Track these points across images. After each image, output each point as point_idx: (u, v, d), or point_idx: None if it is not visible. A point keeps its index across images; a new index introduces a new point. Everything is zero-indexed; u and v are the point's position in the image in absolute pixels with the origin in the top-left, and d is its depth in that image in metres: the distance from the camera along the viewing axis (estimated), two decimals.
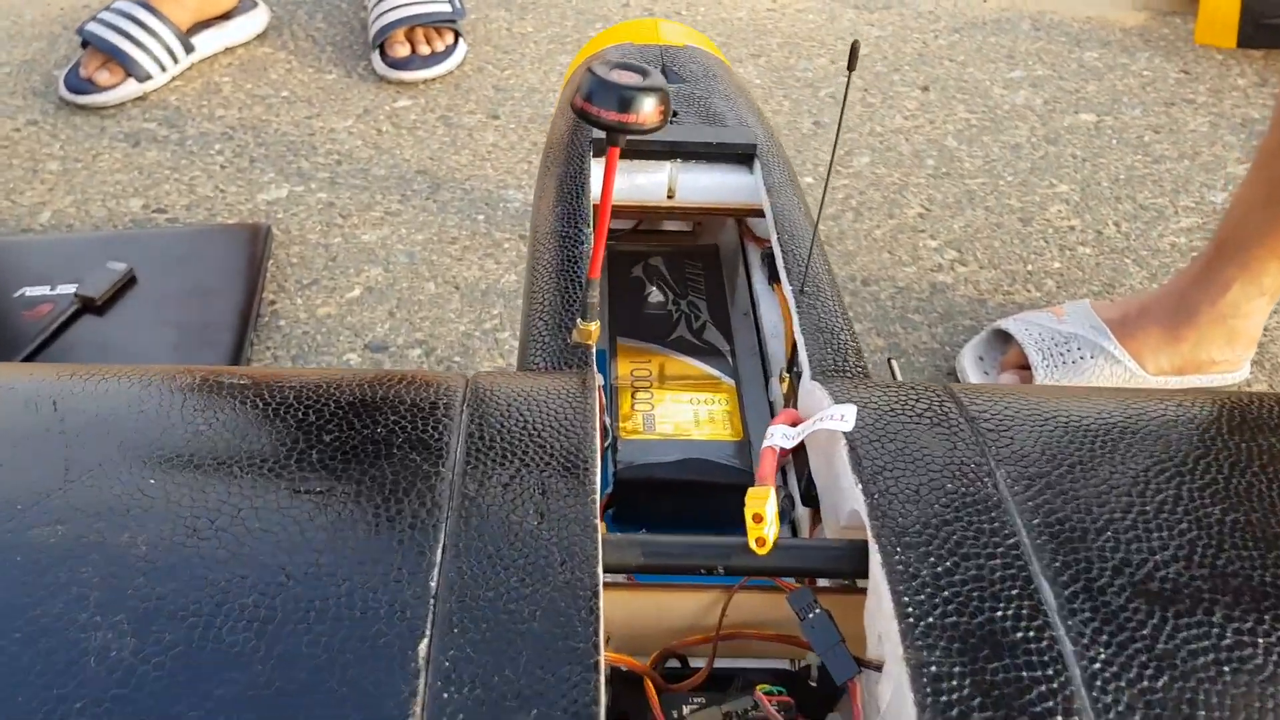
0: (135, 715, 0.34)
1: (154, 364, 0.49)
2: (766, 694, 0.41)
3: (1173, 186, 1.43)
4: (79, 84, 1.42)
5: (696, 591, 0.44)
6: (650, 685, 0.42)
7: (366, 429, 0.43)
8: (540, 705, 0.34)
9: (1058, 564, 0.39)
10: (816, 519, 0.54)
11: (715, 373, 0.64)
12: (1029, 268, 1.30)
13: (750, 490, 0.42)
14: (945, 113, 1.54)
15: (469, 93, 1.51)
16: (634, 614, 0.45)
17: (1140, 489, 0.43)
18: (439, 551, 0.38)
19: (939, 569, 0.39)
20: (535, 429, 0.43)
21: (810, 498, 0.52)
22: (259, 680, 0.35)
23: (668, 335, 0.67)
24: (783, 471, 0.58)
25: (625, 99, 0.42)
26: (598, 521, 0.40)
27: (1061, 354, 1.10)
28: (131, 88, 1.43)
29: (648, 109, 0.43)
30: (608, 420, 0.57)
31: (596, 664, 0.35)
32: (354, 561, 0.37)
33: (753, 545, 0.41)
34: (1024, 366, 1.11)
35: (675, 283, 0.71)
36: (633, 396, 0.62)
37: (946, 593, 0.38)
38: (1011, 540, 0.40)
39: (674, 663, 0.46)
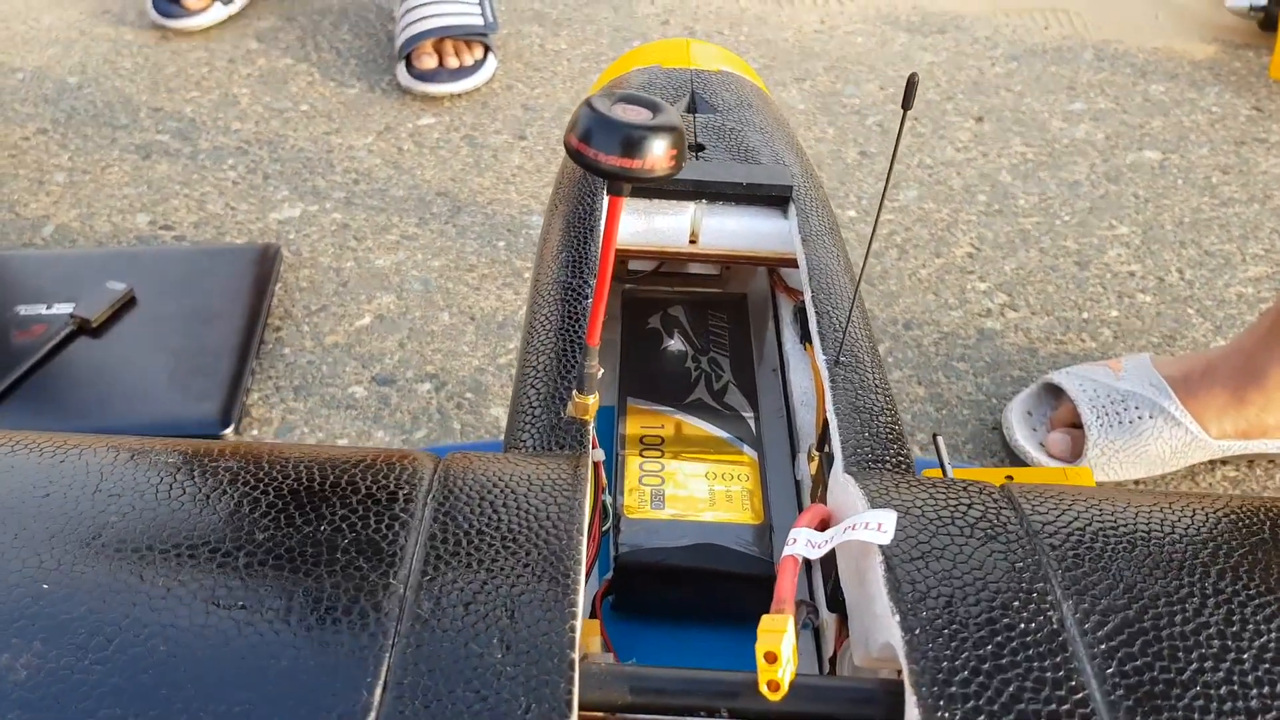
0: None
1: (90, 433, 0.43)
2: None
3: (1241, 232, 1.34)
4: (167, 7, 1.44)
5: None
6: None
7: (309, 525, 0.35)
8: None
9: None
10: (844, 624, 0.46)
11: (736, 443, 0.56)
12: (1084, 315, 1.22)
13: (765, 619, 0.34)
14: (1000, 145, 1.46)
15: (496, 111, 1.45)
16: None
17: (1236, 629, 0.35)
18: (378, 691, 0.31)
19: None
20: (511, 530, 0.36)
21: (837, 602, 0.44)
22: None
23: (685, 397, 0.59)
24: (806, 566, 0.51)
25: (630, 140, 0.35)
26: (575, 654, 0.32)
27: (1118, 413, 1.01)
28: (218, 11, 1.42)
29: (656, 153, 0.35)
30: (607, 499, 0.49)
31: None
32: (274, 700, 0.30)
33: (764, 690, 0.33)
34: (1075, 425, 1.03)
35: (696, 336, 0.63)
36: (641, 468, 0.55)
37: None
38: (1080, 695, 0.32)
39: None
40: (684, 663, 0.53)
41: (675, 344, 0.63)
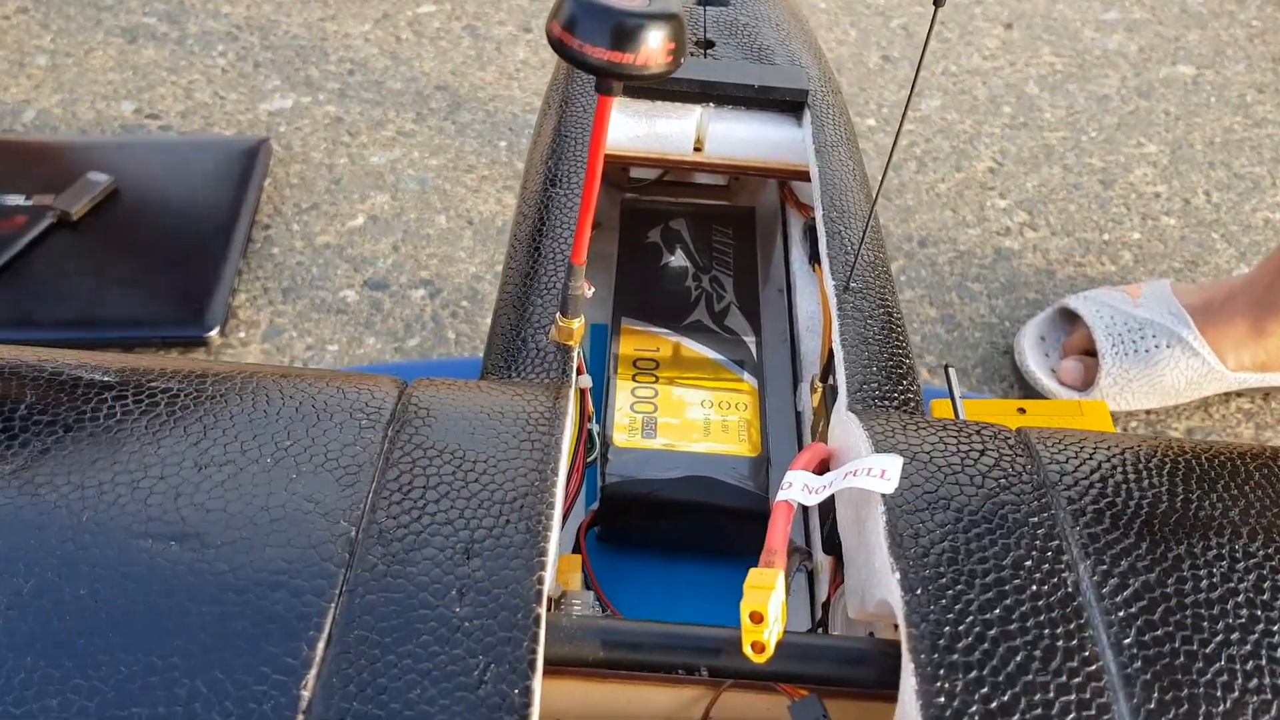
0: None
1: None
2: None
3: (1273, 154, 1.29)
4: None
5: (675, 685, 0.34)
6: None
7: (253, 457, 0.32)
8: None
9: (1151, 705, 0.29)
10: (840, 566, 0.43)
11: (735, 369, 0.53)
12: (1105, 237, 1.17)
13: (752, 574, 0.31)
14: (1028, 55, 1.39)
15: (500, 0, 1.38)
16: (594, 704, 0.34)
17: (1268, 597, 0.32)
18: (320, 645, 0.28)
19: (993, 704, 0.28)
20: (478, 469, 0.33)
21: (833, 544, 0.41)
22: None
23: (683, 318, 0.55)
24: (802, 510, 0.48)
25: (621, 30, 0.31)
26: (542, 608, 0.29)
27: (1134, 341, 0.98)
28: None
29: (652, 45, 0.31)
30: (594, 428, 0.46)
31: None
32: (203, 649, 0.27)
33: (747, 652, 0.30)
34: (1090, 352, 0.99)
35: (699, 252, 0.59)
36: (633, 393, 0.51)
37: None
38: (1093, 667, 0.29)
39: None
40: (672, 597, 0.51)
41: (675, 260, 0.59)
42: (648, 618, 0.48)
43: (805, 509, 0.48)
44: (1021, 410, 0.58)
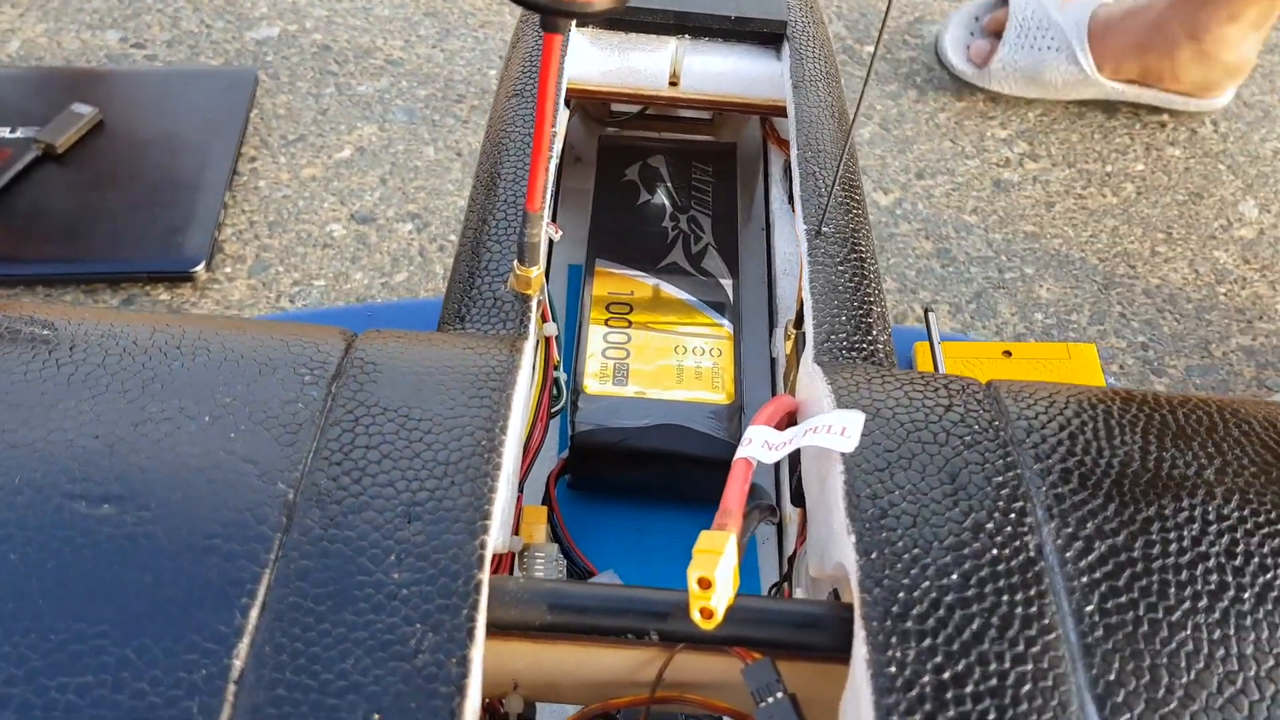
0: None
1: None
2: None
3: None
4: None
5: (628, 647, 0.33)
6: None
7: (191, 414, 0.31)
8: None
9: (1111, 675, 0.28)
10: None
11: (711, 313, 0.52)
12: (1108, 169, 1.15)
13: (703, 537, 0.31)
14: None
15: None
16: (548, 665, 0.34)
17: (1239, 563, 0.31)
18: (254, 613, 0.27)
19: (945, 674, 0.28)
20: (423, 428, 0.32)
21: (801, 497, 0.41)
22: None
23: (659, 260, 0.54)
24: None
25: None
26: (484, 574, 0.29)
27: (1036, 38, 1.12)
28: None
29: None
30: (560, 375, 0.45)
31: None
32: (134, 618, 0.27)
33: (695, 617, 0.30)
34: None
35: (678, 191, 0.58)
36: (605, 338, 0.50)
37: (952, 712, 0.27)
38: (1051, 636, 0.29)
39: None
40: (644, 546, 0.50)
41: (654, 199, 0.57)
42: (619, 566, 0.48)
43: (777, 468, 0.47)
44: (1007, 353, 0.57)
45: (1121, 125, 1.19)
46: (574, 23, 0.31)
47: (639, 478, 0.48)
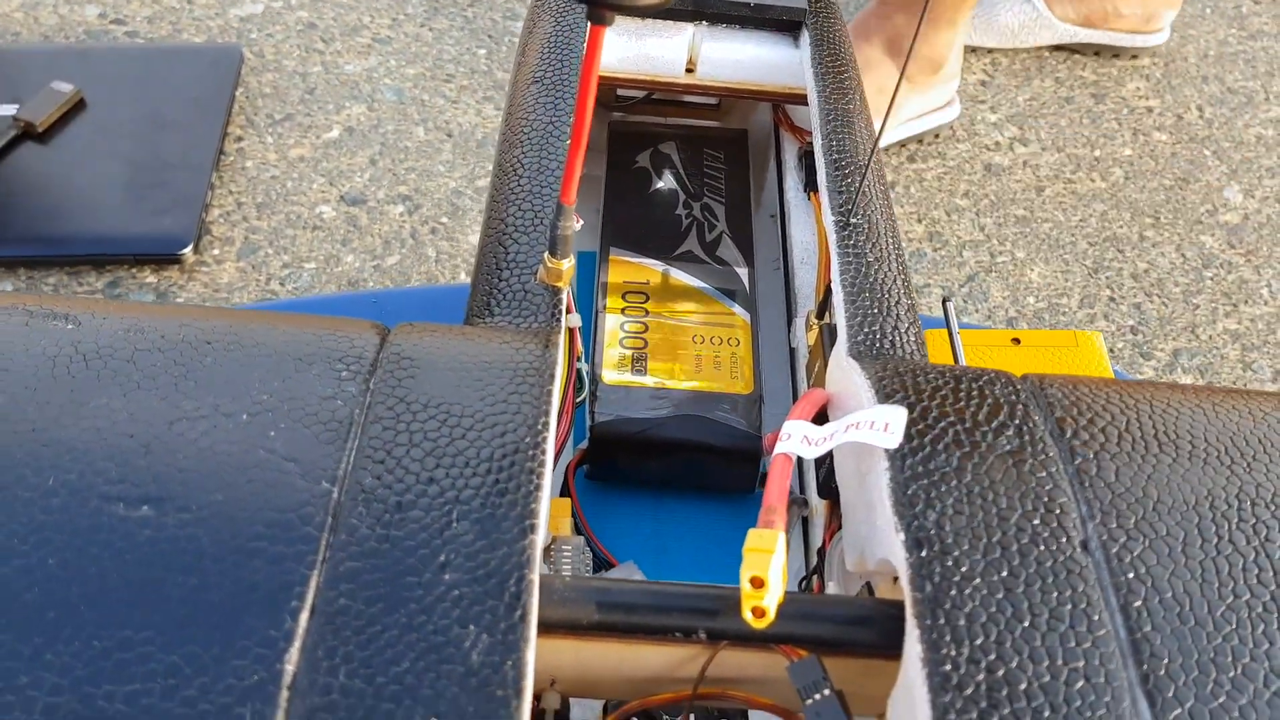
0: None
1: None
2: None
3: (1267, 68, 1.26)
4: None
5: (670, 644, 0.33)
6: None
7: (226, 410, 0.31)
8: None
9: (1161, 671, 0.28)
10: (836, 511, 0.43)
11: (727, 301, 0.52)
12: (1096, 153, 1.15)
13: (751, 536, 0.30)
14: None
15: None
16: (589, 662, 0.34)
17: (1277, 553, 0.31)
18: (303, 616, 0.27)
19: (999, 674, 0.28)
20: (464, 425, 0.31)
21: (829, 489, 0.41)
22: None
23: (674, 248, 0.54)
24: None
25: None
26: (534, 574, 0.28)
27: None
28: None
29: None
30: (583, 367, 0.45)
31: None
32: (179, 624, 0.26)
33: (747, 616, 0.29)
34: None
35: (689, 177, 0.57)
36: (622, 328, 0.50)
37: (1007, 710, 0.27)
38: (1102, 632, 0.29)
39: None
40: (661, 535, 0.50)
41: (665, 186, 0.57)
42: (636, 557, 0.48)
43: (800, 461, 0.47)
44: (1016, 341, 0.57)
45: (1109, 110, 1.20)
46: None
47: (658, 468, 0.48)
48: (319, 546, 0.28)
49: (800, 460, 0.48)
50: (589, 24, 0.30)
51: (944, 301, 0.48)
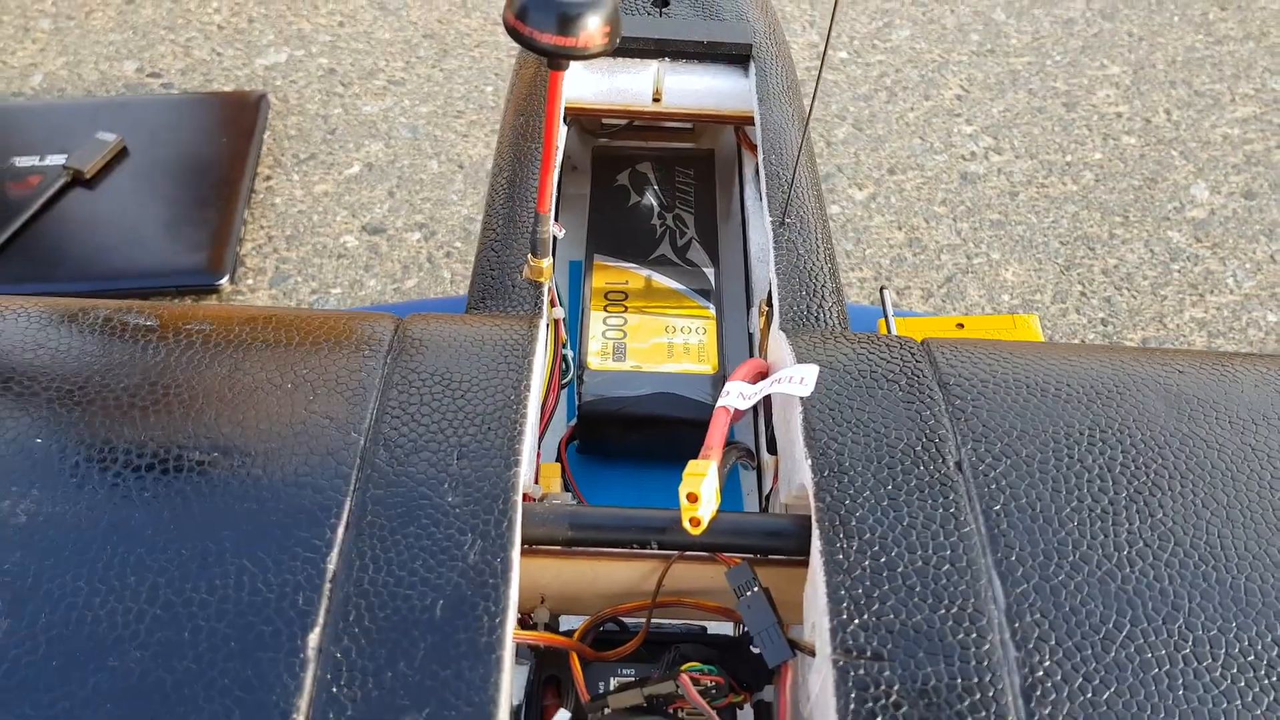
0: (1, 705, 0.31)
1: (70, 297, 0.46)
2: (697, 671, 0.38)
3: (1233, 71, 1.33)
4: None
5: (634, 560, 0.41)
6: (575, 660, 0.39)
7: (275, 382, 0.39)
8: (433, 704, 0.32)
9: (1013, 557, 0.36)
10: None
11: (696, 297, 0.60)
12: (1068, 158, 1.22)
13: (690, 464, 0.38)
14: None
15: None
16: (569, 579, 0.42)
17: (1118, 469, 0.39)
18: (340, 529, 0.35)
19: (881, 560, 0.35)
20: (463, 387, 0.39)
21: (773, 444, 0.48)
22: (136, 669, 0.32)
23: (649, 253, 0.62)
24: (755, 411, 0.55)
25: (565, 17, 0.37)
26: (518, 495, 0.36)
27: None
28: None
29: (590, 29, 0.37)
30: (568, 353, 0.53)
31: (499, 659, 0.32)
32: (246, 537, 0.35)
33: (686, 526, 0.37)
34: None
35: (663, 192, 0.65)
36: (605, 322, 0.58)
37: (885, 587, 0.35)
38: (966, 529, 0.36)
39: (612, 626, 0.43)
40: (642, 500, 0.58)
41: (643, 201, 0.65)
42: None
43: (756, 418, 0.55)
44: (960, 325, 0.65)
45: (1080, 118, 1.27)
46: None
47: (638, 440, 0.56)
48: (351, 479, 0.36)
49: (756, 425, 0.56)
50: (548, 70, 0.39)
51: (881, 290, 0.56)
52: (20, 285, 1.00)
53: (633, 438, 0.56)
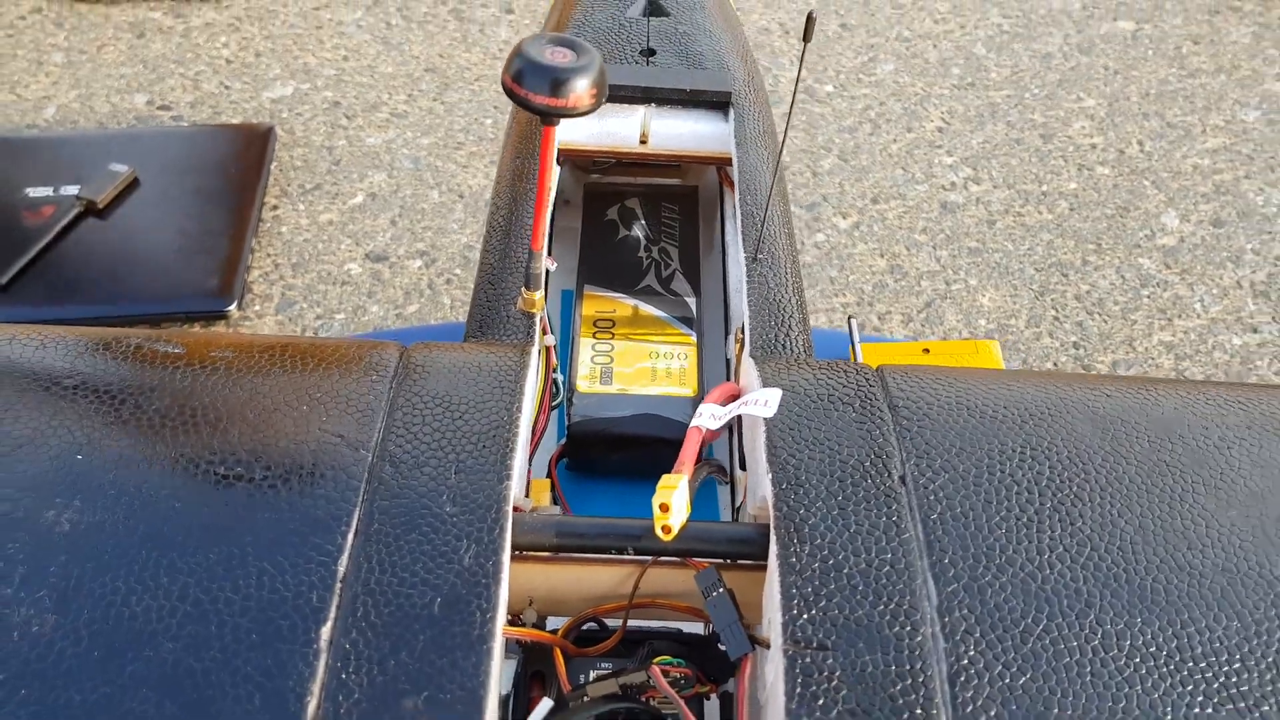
0: (50, 690, 0.36)
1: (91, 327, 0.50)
2: (667, 664, 0.43)
3: (1204, 103, 1.38)
4: None
5: (613, 565, 0.45)
6: (559, 654, 0.44)
7: (291, 404, 0.43)
8: (431, 689, 0.36)
9: (946, 560, 0.40)
10: None
11: (679, 325, 0.64)
12: (1044, 188, 1.27)
13: (663, 478, 0.43)
14: (978, 16, 1.48)
15: None
16: (555, 583, 0.46)
17: (1044, 483, 0.43)
18: (350, 536, 0.39)
19: (829, 562, 0.40)
20: (461, 408, 0.44)
21: (743, 461, 0.53)
22: (169, 659, 0.36)
23: (636, 284, 0.66)
24: (730, 430, 0.59)
25: (556, 82, 0.41)
26: (509, 506, 0.41)
27: None
28: None
29: (579, 91, 0.42)
30: (559, 377, 0.57)
31: (489, 650, 0.37)
32: (268, 543, 0.39)
33: (658, 533, 0.42)
34: None
35: (650, 226, 0.70)
36: (593, 349, 0.63)
37: (832, 586, 0.39)
38: (906, 535, 0.41)
39: (593, 625, 0.47)
40: (625, 512, 0.62)
41: (630, 234, 0.70)
42: None
43: (731, 436, 0.59)
44: (926, 350, 0.69)
45: (1056, 149, 1.32)
46: None
47: (623, 457, 0.60)
48: (360, 491, 0.40)
49: (732, 445, 0.60)
50: (542, 125, 0.43)
51: (849, 319, 0.61)
52: (36, 311, 1.04)
53: (618, 456, 0.61)
